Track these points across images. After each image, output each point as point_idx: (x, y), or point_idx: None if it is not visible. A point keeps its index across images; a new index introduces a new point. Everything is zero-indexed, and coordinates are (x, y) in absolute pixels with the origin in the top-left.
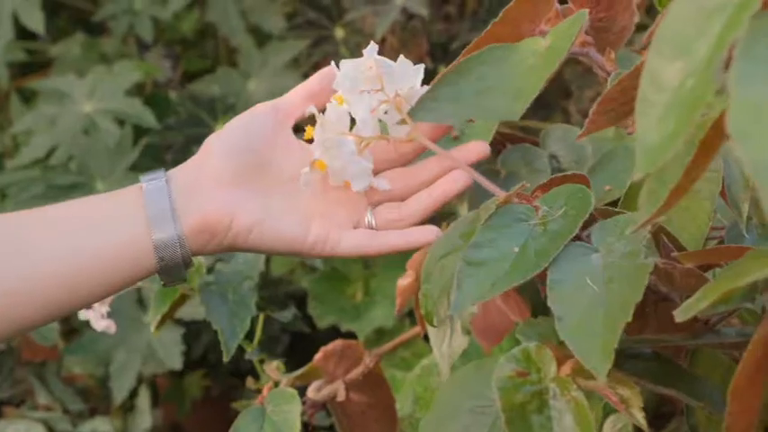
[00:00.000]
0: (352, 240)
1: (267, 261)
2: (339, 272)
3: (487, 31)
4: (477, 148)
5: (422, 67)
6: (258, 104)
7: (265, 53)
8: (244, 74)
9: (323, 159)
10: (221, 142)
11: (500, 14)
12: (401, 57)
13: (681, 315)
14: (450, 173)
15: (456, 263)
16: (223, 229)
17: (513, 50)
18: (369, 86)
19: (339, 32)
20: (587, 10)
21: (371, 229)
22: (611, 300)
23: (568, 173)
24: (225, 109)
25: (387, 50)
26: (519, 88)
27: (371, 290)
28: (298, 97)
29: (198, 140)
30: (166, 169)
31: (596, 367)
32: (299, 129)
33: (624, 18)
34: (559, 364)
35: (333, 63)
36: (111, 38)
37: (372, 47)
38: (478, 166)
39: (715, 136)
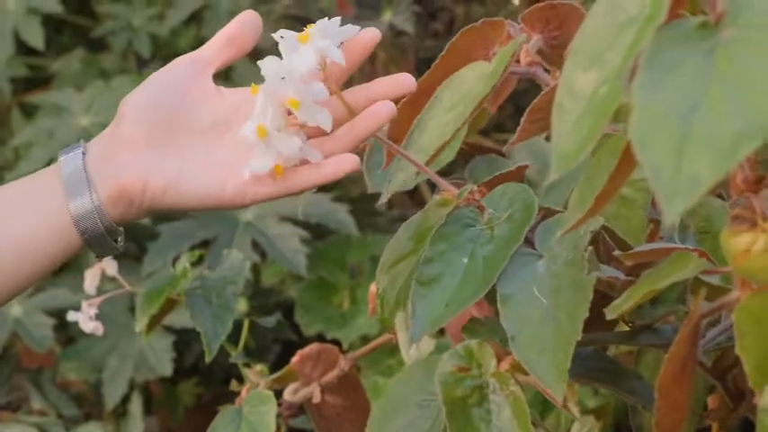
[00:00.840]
0: (268, 186)
1: (257, 271)
2: (326, 281)
3: (436, 64)
4: (405, 80)
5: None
6: (178, 57)
7: (259, 67)
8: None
9: (289, 95)
10: (132, 104)
11: (447, 47)
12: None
13: (609, 314)
14: (374, 105)
15: (408, 269)
16: (138, 194)
17: (459, 77)
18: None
19: None
20: (525, 36)
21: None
22: (559, 314)
23: (510, 169)
24: None
25: (377, 66)
26: (461, 112)
27: (357, 299)
28: (216, 44)
29: None
30: None
31: (552, 387)
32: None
33: None
34: (499, 360)
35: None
36: (111, 53)
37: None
38: (445, 173)
39: None
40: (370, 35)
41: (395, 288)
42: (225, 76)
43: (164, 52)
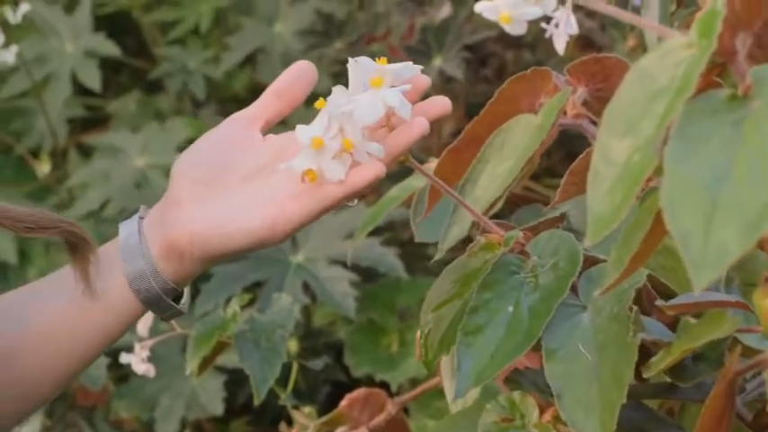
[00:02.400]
0: (297, 207)
1: (308, 313)
2: (375, 323)
3: (485, 111)
4: (441, 102)
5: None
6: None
7: (313, 111)
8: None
9: (346, 134)
10: (180, 165)
11: (495, 95)
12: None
13: (646, 372)
14: (407, 122)
15: (451, 313)
16: (187, 245)
17: (508, 130)
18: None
19: None
20: (572, 88)
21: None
22: (604, 373)
23: (555, 215)
24: None
25: None
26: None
27: (406, 341)
28: (265, 99)
29: None
30: None
31: None
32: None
33: None
34: (542, 411)
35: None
36: (167, 95)
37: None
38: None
39: None
40: (424, 83)
41: (439, 331)
42: (281, 121)
43: (218, 94)
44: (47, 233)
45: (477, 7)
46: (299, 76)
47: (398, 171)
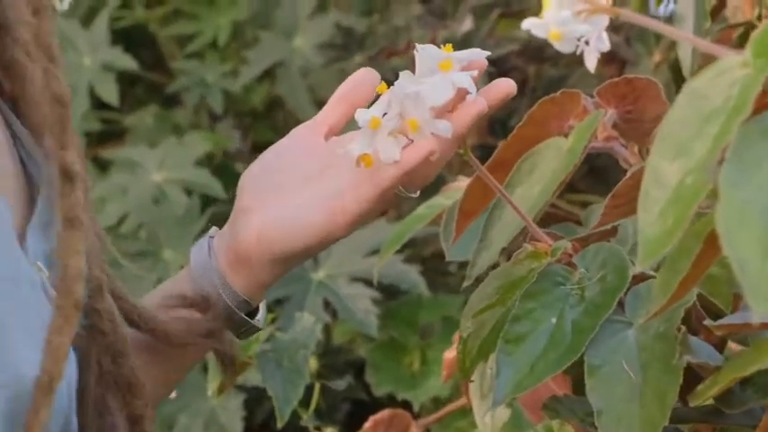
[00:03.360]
0: (356, 194)
1: (327, 330)
2: (397, 341)
3: (514, 134)
4: (505, 84)
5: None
6: None
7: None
8: None
9: (411, 115)
10: (246, 176)
11: (524, 118)
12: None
13: (693, 401)
14: (465, 102)
15: (493, 319)
16: (254, 248)
17: (538, 154)
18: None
19: None
20: (603, 111)
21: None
22: (646, 393)
23: (606, 227)
24: None
25: None
26: (543, 190)
27: (428, 359)
28: (329, 105)
29: None
30: None
31: None
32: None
33: (655, 107)
34: None
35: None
36: (184, 109)
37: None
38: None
39: None
40: (483, 65)
41: (479, 338)
42: None
43: (236, 108)
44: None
45: (525, 24)
46: (360, 81)
47: (424, 189)
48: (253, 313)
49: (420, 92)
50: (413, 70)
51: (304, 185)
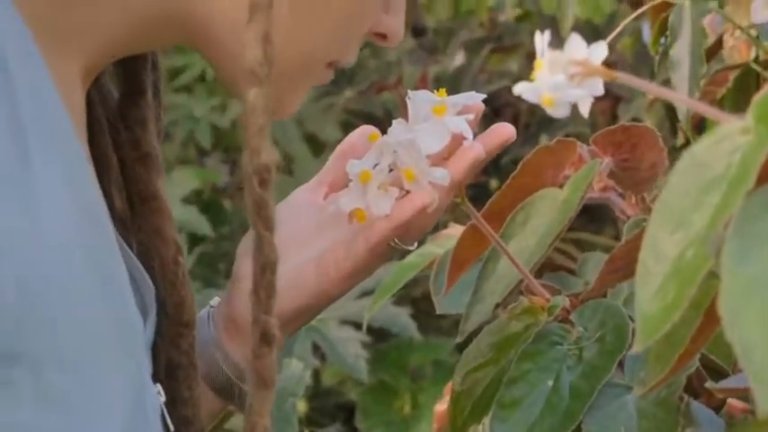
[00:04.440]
0: (346, 253)
1: (317, 373)
2: (387, 384)
3: (508, 183)
4: (503, 129)
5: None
6: None
7: (321, 162)
8: (299, 182)
9: (406, 164)
10: (243, 242)
11: (519, 166)
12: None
13: None
14: (462, 147)
15: (487, 378)
16: (247, 316)
17: (532, 205)
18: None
19: None
20: (599, 161)
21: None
22: None
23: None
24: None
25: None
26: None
27: (419, 403)
28: (329, 164)
29: None
30: (220, 278)
31: None
32: None
33: (652, 155)
34: None
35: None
36: (172, 143)
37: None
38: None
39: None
40: (479, 108)
41: (472, 396)
42: (288, 171)
43: (224, 143)
44: None
45: (517, 89)
46: (359, 137)
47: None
48: None
49: (414, 139)
50: (404, 105)
51: (300, 246)
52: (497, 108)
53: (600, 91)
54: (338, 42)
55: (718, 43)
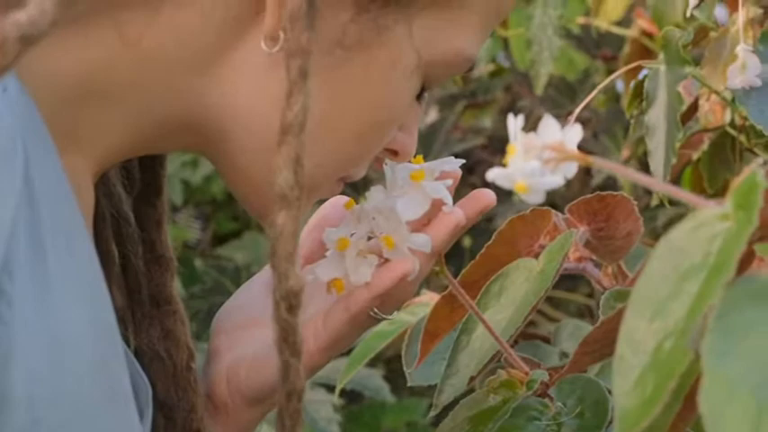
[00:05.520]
0: (323, 323)
1: None
2: None
3: (482, 253)
4: (484, 196)
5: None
6: None
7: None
8: None
9: (385, 232)
10: (218, 315)
11: (493, 236)
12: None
13: None
14: (441, 214)
15: None
16: (224, 393)
17: (506, 276)
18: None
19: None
20: (574, 230)
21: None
22: None
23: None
24: (249, 278)
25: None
26: (513, 317)
27: None
28: (305, 231)
29: None
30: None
31: None
32: None
33: (628, 224)
34: None
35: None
36: None
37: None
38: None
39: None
40: (456, 175)
41: None
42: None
43: (196, 199)
44: None
45: (490, 175)
46: (333, 207)
47: None
48: None
49: (394, 206)
50: (379, 164)
51: (259, 328)
52: (471, 165)
53: (573, 172)
54: (355, 160)
55: (694, 106)
